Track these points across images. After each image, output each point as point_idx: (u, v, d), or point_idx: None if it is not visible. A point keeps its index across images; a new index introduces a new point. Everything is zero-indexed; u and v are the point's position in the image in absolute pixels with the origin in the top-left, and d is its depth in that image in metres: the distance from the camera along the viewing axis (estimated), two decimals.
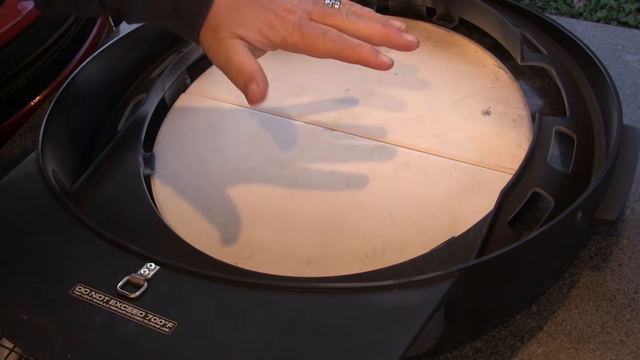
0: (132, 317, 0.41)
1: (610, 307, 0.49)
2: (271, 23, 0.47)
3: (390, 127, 0.62)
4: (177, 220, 0.55)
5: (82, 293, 0.43)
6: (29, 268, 0.46)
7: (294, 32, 0.47)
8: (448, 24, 0.72)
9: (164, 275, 0.44)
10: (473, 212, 0.51)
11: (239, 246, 0.52)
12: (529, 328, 0.48)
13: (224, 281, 0.43)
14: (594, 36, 0.74)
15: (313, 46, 0.47)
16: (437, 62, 0.68)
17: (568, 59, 0.64)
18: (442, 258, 0.48)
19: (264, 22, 0.47)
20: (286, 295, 0.42)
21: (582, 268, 0.52)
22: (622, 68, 0.69)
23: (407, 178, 0.56)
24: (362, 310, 0.40)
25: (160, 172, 0.60)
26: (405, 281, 0.41)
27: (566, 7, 1.96)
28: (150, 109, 0.65)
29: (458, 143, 0.59)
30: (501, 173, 0.55)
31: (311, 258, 0.50)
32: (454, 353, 0.48)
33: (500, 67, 0.66)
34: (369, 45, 0.48)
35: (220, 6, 0.47)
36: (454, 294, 0.41)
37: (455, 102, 0.63)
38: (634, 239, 0.53)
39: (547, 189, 0.52)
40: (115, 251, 0.46)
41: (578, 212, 0.46)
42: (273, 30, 0.47)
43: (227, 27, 0.48)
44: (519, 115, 0.60)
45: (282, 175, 0.58)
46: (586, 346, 0.47)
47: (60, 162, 0.58)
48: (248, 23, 0.47)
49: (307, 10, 0.48)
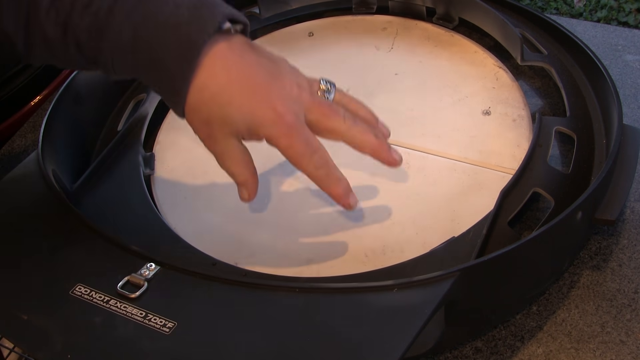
0: (132, 317, 0.41)
1: (611, 307, 0.49)
2: (263, 119, 0.44)
3: (390, 127, 0.61)
4: (177, 220, 0.55)
5: (82, 293, 0.43)
6: (29, 268, 0.46)
7: (283, 137, 0.44)
8: (448, 24, 0.72)
9: (164, 275, 0.44)
10: (473, 212, 0.51)
11: (239, 246, 0.52)
12: (529, 328, 0.48)
13: (224, 281, 0.43)
14: (594, 36, 0.74)
15: (296, 160, 0.45)
16: (437, 62, 0.68)
17: (568, 59, 0.64)
18: (442, 258, 0.48)
19: (256, 117, 0.44)
20: (286, 295, 0.42)
21: (582, 268, 0.52)
22: (622, 68, 0.69)
23: (407, 178, 0.56)
24: (362, 310, 0.40)
25: (160, 172, 0.60)
26: (405, 281, 0.41)
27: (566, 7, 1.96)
28: (150, 109, 0.65)
29: (458, 143, 0.59)
30: (501, 173, 0.55)
31: (311, 258, 0.50)
32: (454, 353, 0.48)
33: (500, 67, 0.66)
34: (346, 183, 0.47)
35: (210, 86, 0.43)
36: (454, 294, 0.41)
37: (455, 102, 0.63)
38: (634, 239, 0.53)
39: (547, 189, 0.52)
40: (115, 251, 0.46)
41: (578, 212, 0.46)
42: (262, 127, 0.44)
43: (220, 125, 0.44)
44: (519, 115, 0.60)
45: (282, 175, 0.58)
46: (586, 346, 0.47)
47: (60, 162, 0.58)
48: (239, 119, 0.44)
49: (305, 105, 0.45)
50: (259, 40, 0.75)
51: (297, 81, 0.46)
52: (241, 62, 0.44)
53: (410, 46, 0.70)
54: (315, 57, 0.71)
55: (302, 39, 0.74)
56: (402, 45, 0.71)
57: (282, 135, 0.44)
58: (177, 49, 0.42)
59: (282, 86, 0.45)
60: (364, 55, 0.70)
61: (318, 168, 0.46)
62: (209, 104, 0.43)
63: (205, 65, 0.43)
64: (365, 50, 0.71)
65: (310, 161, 0.45)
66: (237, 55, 0.44)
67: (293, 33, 0.75)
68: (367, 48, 0.71)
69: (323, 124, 0.46)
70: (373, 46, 0.71)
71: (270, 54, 0.47)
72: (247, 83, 0.44)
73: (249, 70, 0.44)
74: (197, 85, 0.43)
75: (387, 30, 0.73)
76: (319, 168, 0.46)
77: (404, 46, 0.70)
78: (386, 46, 0.71)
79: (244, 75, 0.44)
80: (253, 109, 0.44)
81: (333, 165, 0.47)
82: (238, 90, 0.43)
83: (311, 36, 0.74)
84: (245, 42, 0.45)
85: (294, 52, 0.72)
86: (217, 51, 0.43)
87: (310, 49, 0.72)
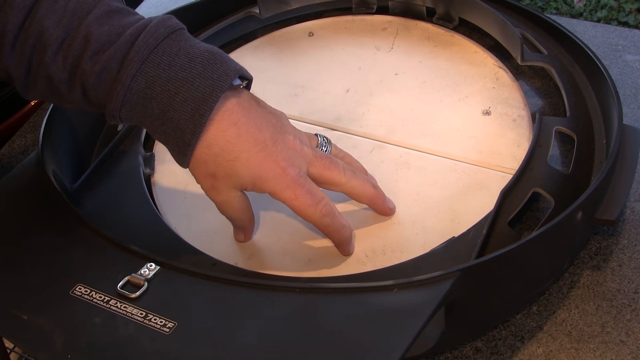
0: (132, 317, 0.41)
1: (611, 307, 0.49)
2: (267, 174, 0.45)
3: (390, 127, 0.62)
4: (177, 220, 0.55)
5: (82, 293, 0.43)
6: (29, 268, 0.46)
7: (287, 190, 0.45)
8: (448, 24, 0.72)
9: (164, 275, 0.44)
10: (473, 212, 0.51)
11: (239, 246, 0.52)
12: (529, 328, 0.48)
13: (224, 281, 0.43)
14: (594, 36, 0.74)
15: (302, 211, 0.46)
16: (437, 62, 0.68)
17: (568, 59, 0.64)
18: (442, 258, 0.48)
19: (260, 174, 0.45)
20: (286, 295, 0.42)
21: (582, 268, 0.52)
22: (622, 68, 0.69)
23: (407, 178, 0.56)
24: (362, 310, 0.40)
25: (160, 172, 0.60)
26: (405, 281, 0.41)
27: (566, 7, 1.96)
28: None
29: (458, 143, 0.59)
30: (501, 173, 0.55)
31: (311, 258, 0.50)
32: (454, 353, 0.48)
33: (500, 67, 0.66)
34: (350, 230, 0.49)
35: (219, 141, 0.44)
36: (454, 294, 0.41)
37: (455, 102, 0.63)
38: (634, 239, 0.53)
39: (547, 189, 0.52)
40: (115, 251, 0.46)
41: (578, 212, 0.46)
42: (267, 181, 0.45)
43: (225, 179, 0.45)
44: (519, 115, 0.60)
45: None
46: (586, 346, 0.47)
47: (60, 162, 0.58)
48: (244, 174, 0.45)
49: (307, 159, 0.47)
50: (259, 40, 0.75)
51: (299, 136, 0.48)
52: (248, 119, 0.45)
53: (410, 46, 0.70)
54: (315, 57, 0.71)
55: (302, 39, 0.74)
56: (402, 45, 0.71)
57: (287, 188, 0.45)
58: (190, 103, 0.43)
59: (286, 141, 0.46)
60: (364, 55, 0.70)
61: (323, 216, 0.47)
62: (216, 159, 0.45)
63: (215, 120, 0.44)
64: (365, 50, 0.71)
65: (316, 210, 0.46)
66: (245, 110, 0.45)
67: (293, 33, 0.75)
68: (367, 48, 0.71)
69: (325, 176, 0.48)
70: (373, 46, 0.71)
71: (272, 109, 0.48)
72: (254, 139, 0.45)
73: (256, 126, 0.45)
74: (206, 140, 0.44)
75: (387, 30, 0.73)
76: (324, 216, 0.47)
77: (404, 46, 0.70)
78: (386, 46, 0.71)
79: (251, 132, 0.45)
80: (259, 165, 0.45)
81: (338, 214, 0.48)
82: (246, 146, 0.45)
83: (311, 36, 0.74)
84: (251, 97, 0.47)
85: (294, 52, 0.72)
86: (227, 107, 0.44)
87: (310, 49, 0.72)
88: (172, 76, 0.43)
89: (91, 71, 0.43)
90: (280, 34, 0.76)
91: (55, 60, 0.44)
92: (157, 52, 0.43)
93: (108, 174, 0.58)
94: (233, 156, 0.44)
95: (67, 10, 0.44)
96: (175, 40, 0.44)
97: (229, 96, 0.45)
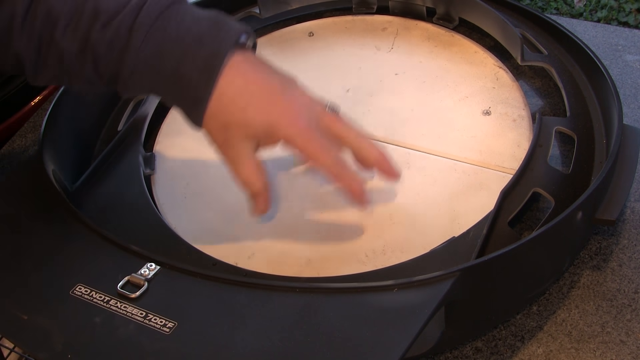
0: (132, 317, 0.41)
1: (611, 307, 0.49)
2: (279, 121, 0.46)
3: (390, 127, 0.62)
4: (177, 220, 0.55)
5: (82, 293, 0.43)
6: (30, 268, 0.46)
7: (299, 137, 0.46)
8: (448, 24, 0.72)
9: (164, 275, 0.44)
10: (473, 212, 0.51)
11: (239, 246, 0.52)
12: (529, 328, 0.48)
13: (224, 281, 0.43)
14: (594, 36, 0.74)
15: (314, 157, 0.46)
16: (437, 62, 0.68)
17: (568, 59, 0.64)
18: (442, 258, 0.48)
19: (271, 120, 0.46)
20: (286, 295, 0.42)
21: (582, 268, 0.52)
22: (622, 68, 0.69)
23: (407, 178, 0.56)
24: (362, 310, 0.40)
25: (160, 172, 0.60)
26: (405, 281, 0.41)
27: (566, 7, 1.96)
28: (150, 109, 0.65)
29: (458, 143, 0.59)
30: (501, 173, 0.55)
31: (311, 258, 0.51)
32: (454, 353, 0.48)
33: (500, 67, 0.66)
34: (361, 180, 0.48)
35: (229, 91, 0.45)
36: (454, 294, 0.41)
37: (455, 102, 0.63)
38: (634, 239, 0.53)
39: (547, 189, 0.52)
40: (115, 251, 0.46)
41: (578, 212, 0.46)
42: (280, 128, 0.46)
43: (237, 127, 0.45)
44: (519, 115, 0.60)
45: (281, 174, 0.58)
46: (586, 346, 0.47)
47: (60, 162, 0.58)
48: (256, 121, 0.45)
49: (316, 111, 0.48)
50: (259, 41, 0.75)
51: (308, 93, 0.49)
52: (256, 71, 0.47)
53: (410, 46, 0.70)
54: (315, 57, 0.71)
55: (302, 39, 0.74)
56: (402, 45, 0.71)
57: (298, 135, 0.46)
58: (201, 60, 0.44)
59: (295, 95, 0.47)
60: (364, 55, 0.70)
61: (335, 164, 0.47)
62: (228, 108, 0.45)
63: (224, 74, 0.45)
64: (365, 50, 0.71)
65: (328, 157, 0.47)
66: (252, 65, 0.47)
67: (293, 33, 0.75)
68: (367, 48, 0.71)
69: (333, 129, 0.48)
70: (373, 46, 0.71)
71: (282, 70, 0.49)
72: (263, 88, 0.46)
73: (264, 78, 0.47)
74: (217, 92, 0.45)
75: (387, 30, 0.73)
76: (336, 164, 0.47)
77: (404, 46, 0.70)
78: (386, 46, 0.71)
79: (260, 82, 0.46)
80: (270, 112, 0.46)
81: (348, 166, 0.48)
82: (256, 94, 0.46)
83: (311, 36, 0.74)
84: (258, 57, 0.48)
85: (294, 52, 0.72)
86: (235, 61, 0.46)
87: (310, 49, 0.72)
88: (181, 36, 0.45)
89: (102, 40, 0.44)
90: (280, 34, 0.76)
91: (65, 36, 0.45)
92: (164, 17, 0.45)
93: (108, 174, 0.58)
94: (244, 103, 0.45)
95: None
96: (180, 4, 0.46)
97: (236, 52, 0.46)
